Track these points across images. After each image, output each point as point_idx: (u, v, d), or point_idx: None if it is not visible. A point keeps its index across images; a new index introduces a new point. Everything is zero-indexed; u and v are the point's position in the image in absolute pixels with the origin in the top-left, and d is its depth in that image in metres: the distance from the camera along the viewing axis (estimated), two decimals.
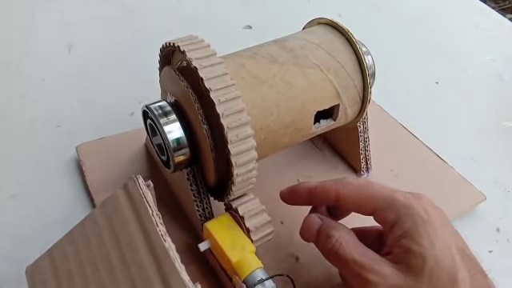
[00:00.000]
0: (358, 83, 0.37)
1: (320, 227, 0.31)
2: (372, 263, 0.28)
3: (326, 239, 0.30)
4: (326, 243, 0.30)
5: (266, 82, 0.33)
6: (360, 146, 0.42)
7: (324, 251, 0.31)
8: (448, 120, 0.54)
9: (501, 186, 0.46)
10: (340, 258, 0.29)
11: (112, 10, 0.64)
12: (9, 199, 0.40)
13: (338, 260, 0.29)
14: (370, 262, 0.28)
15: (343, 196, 0.31)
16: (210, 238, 0.32)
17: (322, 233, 0.31)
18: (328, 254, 0.30)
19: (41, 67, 0.53)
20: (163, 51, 0.35)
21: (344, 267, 0.29)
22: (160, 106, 0.33)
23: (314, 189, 0.33)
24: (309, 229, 0.32)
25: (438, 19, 0.71)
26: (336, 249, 0.29)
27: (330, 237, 0.30)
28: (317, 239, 0.31)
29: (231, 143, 0.30)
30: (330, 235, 0.30)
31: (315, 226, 0.31)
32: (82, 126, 0.46)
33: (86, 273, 0.27)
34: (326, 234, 0.30)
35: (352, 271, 0.29)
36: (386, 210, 0.30)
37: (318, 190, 0.32)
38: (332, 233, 0.30)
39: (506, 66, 0.63)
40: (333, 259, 0.30)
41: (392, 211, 0.29)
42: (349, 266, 0.29)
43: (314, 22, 0.40)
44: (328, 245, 0.30)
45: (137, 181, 0.28)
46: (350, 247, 0.29)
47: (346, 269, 0.29)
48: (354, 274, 0.28)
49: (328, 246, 0.30)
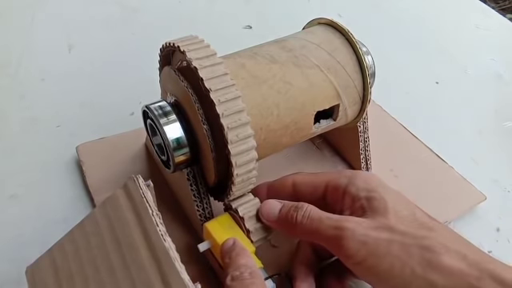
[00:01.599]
0: (358, 83, 0.37)
1: (283, 205, 0.33)
2: (344, 217, 0.30)
3: (296, 211, 0.31)
4: (296, 215, 0.31)
5: (266, 82, 0.33)
6: (360, 145, 0.42)
7: (294, 224, 0.31)
8: (448, 120, 0.54)
9: (501, 186, 0.46)
10: (313, 221, 0.30)
11: (112, 10, 0.64)
12: (9, 199, 0.40)
13: (311, 224, 0.30)
14: (342, 217, 0.30)
15: (298, 180, 0.34)
16: (210, 239, 0.32)
17: (289, 208, 0.32)
18: (300, 223, 0.31)
19: (41, 67, 0.53)
20: (163, 51, 0.35)
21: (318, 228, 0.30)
22: (160, 106, 0.33)
23: (271, 183, 0.36)
24: (270, 209, 0.33)
25: (437, 19, 0.71)
26: (307, 214, 0.31)
27: (299, 208, 0.31)
28: (284, 216, 0.32)
29: (231, 143, 0.30)
30: (298, 206, 0.32)
31: (277, 206, 0.33)
32: (82, 126, 0.46)
33: (86, 273, 0.27)
34: (295, 206, 0.32)
35: (328, 227, 0.30)
36: (337, 178, 0.33)
37: (276, 183, 0.35)
38: (300, 205, 0.32)
39: (506, 66, 0.63)
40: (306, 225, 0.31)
41: (343, 177, 0.33)
42: (324, 224, 0.30)
43: (314, 22, 0.40)
44: (299, 215, 0.31)
45: (137, 181, 0.28)
46: (320, 211, 0.31)
47: (320, 229, 0.30)
48: (330, 228, 0.29)
49: (299, 216, 0.31)
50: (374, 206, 0.30)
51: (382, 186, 0.32)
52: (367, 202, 0.30)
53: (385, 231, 0.28)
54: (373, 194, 0.31)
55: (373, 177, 0.33)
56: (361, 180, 0.32)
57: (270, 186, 0.36)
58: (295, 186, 0.34)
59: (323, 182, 0.33)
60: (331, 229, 0.29)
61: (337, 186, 0.32)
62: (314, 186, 0.34)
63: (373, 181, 0.32)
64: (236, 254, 0.30)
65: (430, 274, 0.27)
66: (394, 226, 0.29)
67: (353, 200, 0.31)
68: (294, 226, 0.31)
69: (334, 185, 0.33)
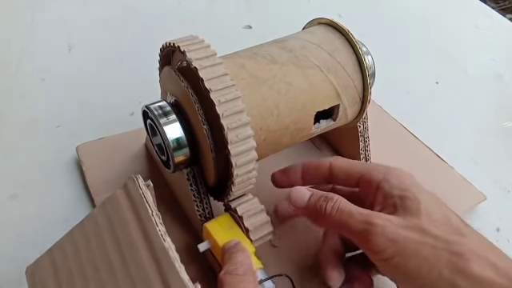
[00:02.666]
0: (358, 83, 0.37)
1: (313, 194, 0.32)
2: (374, 212, 0.30)
3: (326, 201, 0.31)
4: (326, 206, 0.31)
5: (266, 82, 0.33)
6: (360, 145, 0.42)
7: (322, 214, 0.31)
8: (448, 120, 0.54)
9: (501, 186, 0.46)
10: (342, 214, 0.30)
11: (112, 10, 0.64)
12: (9, 199, 0.40)
13: (341, 216, 0.30)
14: (372, 212, 0.30)
15: (336, 164, 0.34)
16: (210, 239, 0.32)
17: (319, 198, 0.32)
18: (329, 214, 0.31)
19: (41, 67, 0.53)
20: (163, 51, 0.35)
21: (347, 221, 0.30)
22: (160, 106, 0.33)
23: (308, 163, 0.35)
24: (300, 196, 0.33)
25: (438, 19, 0.71)
26: (337, 206, 0.31)
27: (329, 198, 0.31)
28: (313, 205, 0.32)
29: (231, 144, 0.30)
30: (328, 197, 0.31)
31: (306, 194, 0.33)
32: (82, 126, 0.46)
33: (85, 273, 0.27)
34: (325, 196, 0.32)
35: (357, 221, 0.29)
36: (373, 171, 0.32)
37: (312, 163, 0.35)
38: (330, 195, 0.31)
39: (506, 66, 0.63)
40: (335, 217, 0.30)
41: (378, 172, 0.32)
42: (354, 218, 0.30)
43: (314, 22, 0.40)
44: (328, 206, 0.31)
45: (136, 181, 0.28)
46: (350, 204, 0.31)
47: (349, 222, 0.30)
48: (360, 222, 0.29)
49: (328, 207, 0.31)
50: (407, 206, 0.30)
51: (416, 185, 0.31)
52: (400, 200, 0.30)
53: (415, 232, 0.28)
54: (406, 193, 0.30)
55: (407, 175, 0.32)
56: (395, 177, 0.32)
57: (306, 166, 0.35)
58: (332, 170, 0.34)
59: (358, 173, 0.33)
60: (360, 223, 0.29)
61: (370, 180, 0.32)
62: (349, 173, 0.34)
63: (407, 179, 0.32)
64: (236, 251, 0.30)
65: (457, 280, 0.26)
66: (425, 227, 0.28)
67: (385, 197, 0.31)
68: (323, 216, 0.31)
69: (367, 178, 0.32)
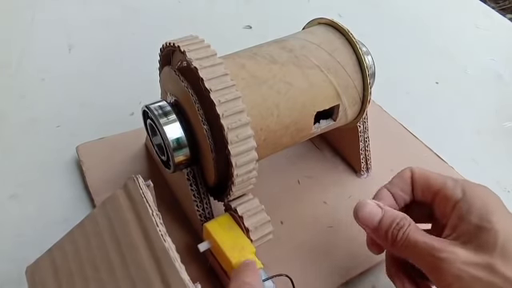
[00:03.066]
0: (358, 83, 0.37)
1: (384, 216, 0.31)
2: (442, 244, 0.28)
3: (397, 229, 0.30)
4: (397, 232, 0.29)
5: (266, 82, 0.33)
6: (360, 145, 0.42)
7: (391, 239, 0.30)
8: (448, 120, 0.54)
9: (501, 186, 0.46)
10: (409, 243, 0.29)
11: (112, 10, 0.64)
12: (9, 199, 0.40)
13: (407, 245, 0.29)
14: (439, 243, 0.28)
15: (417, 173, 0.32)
16: (210, 239, 0.32)
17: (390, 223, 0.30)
18: (397, 241, 0.29)
19: (41, 67, 0.53)
20: (163, 51, 0.35)
21: (413, 252, 0.29)
22: (160, 106, 0.33)
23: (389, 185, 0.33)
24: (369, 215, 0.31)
25: (438, 19, 0.71)
26: (406, 235, 0.29)
27: (401, 226, 0.30)
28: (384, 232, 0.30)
29: (231, 144, 0.30)
30: (400, 224, 0.30)
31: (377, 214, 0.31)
32: (82, 126, 0.46)
33: (86, 273, 0.27)
34: (396, 223, 0.30)
35: (424, 254, 0.28)
36: (454, 187, 0.30)
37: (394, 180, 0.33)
38: (402, 222, 0.30)
39: (506, 66, 0.63)
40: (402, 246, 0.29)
41: (459, 187, 0.30)
42: (420, 249, 0.28)
43: (314, 22, 0.40)
44: (399, 233, 0.29)
45: (137, 181, 0.28)
46: (418, 232, 0.29)
47: (416, 253, 0.29)
48: (427, 255, 0.28)
49: (399, 234, 0.29)
50: (482, 238, 0.27)
51: (499, 211, 0.28)
52: (475, 230, 0.28)
53: (485, 270, 0.26)
54: (484, 223, 0.27)
55: (492, 197, 0.29)
56: (477, 199, 0.29)
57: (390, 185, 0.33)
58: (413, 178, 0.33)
59: (437, 185, 0.31)
60: (427, 255, 0.28)
61: (448, 197, 0.30)
62: (427, 184, 0.32)
63: (490, 203, 0.29)
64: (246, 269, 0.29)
65: None
66: (496, 267, 0.26)
67: (460, 220, 0.29)
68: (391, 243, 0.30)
69: (446, 194, 0.30)
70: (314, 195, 0.41)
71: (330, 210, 0.40)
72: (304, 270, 0.36)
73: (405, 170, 0.33)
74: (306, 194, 0.41)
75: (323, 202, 0.41)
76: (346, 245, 0.38)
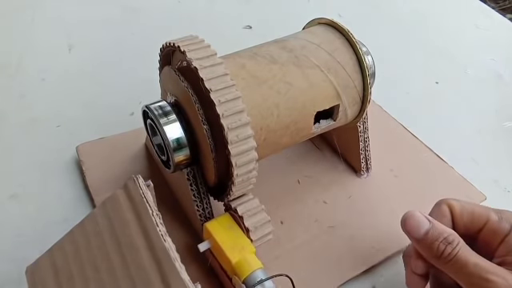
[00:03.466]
0: (358, 83, 0.37)
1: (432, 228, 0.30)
2: (495, 268, 0.28)
3: (446, 244, 0.29)
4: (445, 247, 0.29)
5: (266, 82, 0.33)
6: (360, 145, 0.42)
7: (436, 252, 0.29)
8: (448, 120, 0.54)
9: (501, 186, 0.46)
10: (458, 262, 0.28)
11: (112, 10, 0.64)
12: (9, 199, 0.40)
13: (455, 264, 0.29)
14: (492, 266, 0.28)
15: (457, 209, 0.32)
16: (210, 239, 0.32)
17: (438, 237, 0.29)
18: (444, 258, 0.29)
19: (41, 67, 0.53)
20: (163, 51, 0.35)
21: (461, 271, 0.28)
22: (160, 106, 0.33)
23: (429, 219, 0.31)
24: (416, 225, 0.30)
25: (438, 19, 0.71)
26: (455, 253, 0.29)
27: (449, 241, 0.29)
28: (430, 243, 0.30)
29: (231, 144, 0.30)
30: (449, 239, 0.29)
31: (424, 225, 0.30)
32: (82, 126, 0.46)
33: (86, 273, 0.27)
34: (445, 238, 0.29)
35: (473, 275, 0.28)
36: (500, 221, 0.30)
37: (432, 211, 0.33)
38: (451, 238, 0.29)
39: (506, 66, 0.63)
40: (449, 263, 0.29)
41: (505, 221, 0.30)
42: (469, 270, 0.28)
43: (314, 22, 0.40)
44: (447, 248, 0.29)
45: (137, 181, 0.28)
46: (469, 251, 0.29)
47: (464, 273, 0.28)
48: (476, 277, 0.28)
49: (447, 250, 0.29)
50: None
51: None
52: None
53: None
54: None
55: None
56: None
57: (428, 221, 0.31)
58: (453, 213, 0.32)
59: (482, 220, 0.31)
60: (476, 278, 0.28)
61: (496, 231, 0.30)
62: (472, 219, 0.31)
63: None
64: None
65: None
66: None
67: (508, 252, 0.29)
68: (436, 257, 0.29)
69: (493, 227, 0.30)
70: (314, 195, 0.41)
71: (329, 210, 0.40)
72: (304, 269, 0.36)
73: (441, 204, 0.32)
74: (306, 194, 0.41)
75: (323, 202, 0.41)
76: (346, 245, 0.38)
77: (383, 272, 0.37)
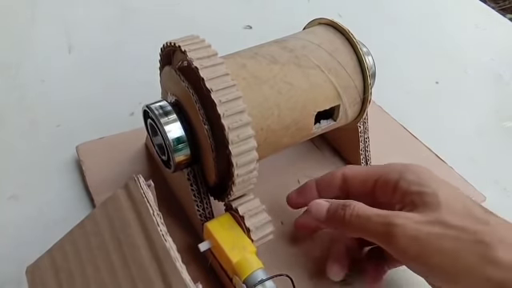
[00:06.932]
0: (359, 84, 0.37)
1: (331, 204, 0.33)
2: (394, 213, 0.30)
3: (344, 209, 0.31)
4: (344, 213, 0.31)
5: (266, 82, 0.33)
6: (360, 146, 0.42)
7: (342, 221, 0.31)
8: (448, 120, 0.54)
9: (501, 186, 0.46)
10: (361, 218, 0.30)
11: (112, 10, 0.64)
12: (9, 199, 0.40)
13: (359, 222, 0.30)
14: (391, 212, 0.30)
15: (349, 174, 0.35)
16: (211, 238, 0.32)
17: (337, 206, 0.32)
18: (348, 221, 0.31)
19: (41, 68, 0.53)
20: (164, 51, 0.35)
21: (367, 226, 0.30)
22: (160, 105, 0.33)
23: (320, 178, 0.36)
24: (319, 209, 0.33)
25: (438, 19, 0.71)
26: (355, 212, 0.31)
27: (346, 205, 0.31)
28: (332, 215, 0.32)
29: (232, 144, 0.30)
30: (346, 204, 0.32)
31: (325, 206, 0.33)
32: (82, 126, 0.46)
33: (86, 273, 0.27)
34: (342, 204, 0.32)
35: (377, 224, 0.30)
36: (389, 173, 0.33)
37: (325, 177, 0.36)
38: (347, 203, 0.32)
39: (506, 66, 0.63)
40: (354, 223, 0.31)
41: (394, 172, 0.32)
42: (372, 221, 0.30)
43: (314, 22, 0.40)
44: (347, 214, 0.31)
45: (138, 180, 0.28)
46: (367, 208, 0.31)
47: (369, 226, 0.30)
48: (379, 225, 0.29)
49: (347, 214, 0.31)
50: (426, 201, 0.30)
51: (434, 179, 0.31)
52: (418, 196, 0.30)
53: (437, 226, 0.28)
54: (424, 188, 0.30)
55: (424, 170, 0.32)
56: (412, 174, 0.32)
57: (319, 181, 0.36)
58: (345, 180, 0.35)
59: (373, 176, 0.33)
60: (380, 226, 0.29)
61: (387, 181, 0.32)
62: (363, 179, 0.34)
63: (424, 174, 0.32)
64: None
65: (485, 269, 0.26)
66: (446, 220, 0.28)
67: (403, 195, 0.31)
68: (343, 224, 0.31)
69: (384, 179, 0.33)
70: None
71: None
72: (304, 269, 0.36)
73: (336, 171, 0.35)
74: None
75: None
76: None
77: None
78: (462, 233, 0.28)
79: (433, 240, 0.28)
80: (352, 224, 0.31)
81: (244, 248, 0.31)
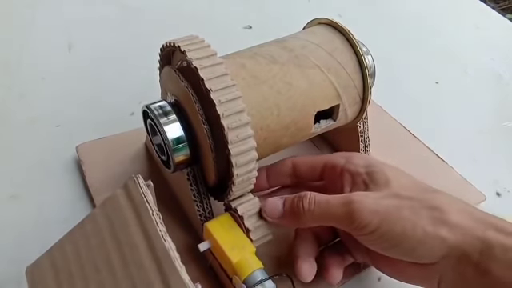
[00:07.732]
0: (358, 83, 0.37)
1: (286, 199, 0.33)
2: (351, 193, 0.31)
3: (301, 199, 0.32)
4: (302, 204, 0.31)
5: (266, 82, 0.33)
6: (360, 146, 0.42)
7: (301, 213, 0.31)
8: (448, 120, 0.54)
9: (501, 186, 0.46)
10: (321, 203, 0.31)
11: (112, 9, 0.64)
12: (9, 199, 0.40)
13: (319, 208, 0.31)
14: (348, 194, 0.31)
15: (298, 161, 0.36)
16: (210, 238, 0.32)
17: (293, 199, 0.32)
18: (308, 210, 0.31)
19: (41, 67, 0.53)
20: (163, 51, 0.35)
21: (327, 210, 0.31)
22: (160, 105, 0.33)
23: (270, 165, 0.37)
24: (274, 206, 0.33)
25: (438, 19, 0.71)
26: (313, 200, 0.31)
27: (302, 196, 0.32)
28: (290, 208, 0.32)
29: (231, 144, 0.30)
30: (301, 195, 0.32)
31: (279, 202, 0.33)
32: (82, 126, 0.46)
33: (86, 273, 0.27)
34: (298, 196, 0.32)
35: (337, 206, 0.30)
36: (336, 157, 0.35)
37: (275, 165, 0.37)
38: (303, 194, 0.32)
39: (506, 66, 0.63)
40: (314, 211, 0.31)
41: (340, 156, 0.35)
42: (332, 204, 0.30)
43: (314, 22, 0.40)
44: (305, 203, 0.31)
45: (137, 181, 0.28)
46: (323, 195, 0.31)
47: (330, 210, 0.30)
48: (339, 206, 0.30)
49: (305, 204, 0.31)
50: (376, 179, 0.31)
51: (380, 162, 0.33)
52: (368, 176, 0.32)
53: (392, 198, 0.30)
54: (372, 168, 0.32)
55: (368, 156, 0.35)
56: (358, 158, 0.34)
57: (269, 168, 0.37)
58: (294, 167, 0.36)
59: (321, 162, 0.35)
60: (340, 206, 0.30)
61: (334, 165, 0.34)
62: (312, 166, 0.35)
63: (370, 158, 0.34)
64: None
65: (440, 231, 0.28)
66: (399, 193, 0.30)
67: (353, 176, 0.33)
68: (302, 215, 0.31)
69: (331, 164, 0.34)
70: None
71: None
72: None
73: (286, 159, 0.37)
74: None
75: None
76: None
77: None
78: (416, 202, 0.29)
79: (392, 211, 0.29)
80: (312, 212, 0.31)
81: (244, 248, 0.31)
